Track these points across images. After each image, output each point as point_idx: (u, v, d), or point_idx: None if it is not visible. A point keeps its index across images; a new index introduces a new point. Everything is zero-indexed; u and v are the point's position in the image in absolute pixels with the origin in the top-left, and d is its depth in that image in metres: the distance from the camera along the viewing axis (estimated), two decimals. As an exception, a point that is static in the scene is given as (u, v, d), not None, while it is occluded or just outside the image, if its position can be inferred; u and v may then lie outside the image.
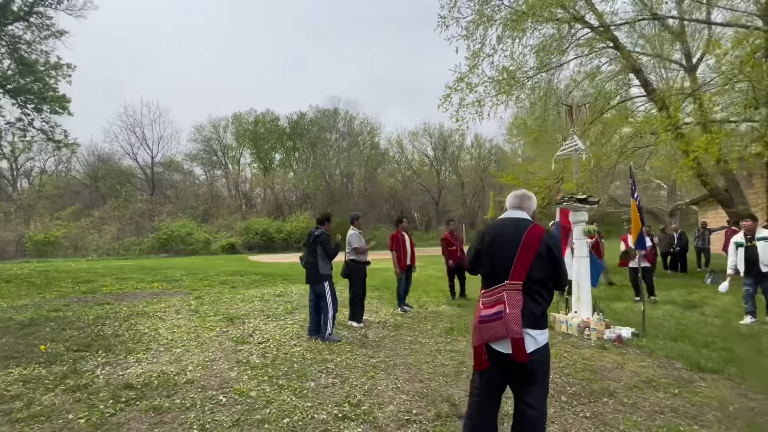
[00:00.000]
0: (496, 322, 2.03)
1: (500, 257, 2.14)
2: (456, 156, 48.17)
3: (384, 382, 3.46)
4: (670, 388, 3.30)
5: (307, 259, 5.01)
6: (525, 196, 2.34)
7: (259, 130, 48.54)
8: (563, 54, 12.59)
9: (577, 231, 5.21)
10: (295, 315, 6.20)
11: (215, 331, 5.15)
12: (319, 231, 4.97)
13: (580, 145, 5.10)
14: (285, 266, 15.41)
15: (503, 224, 2.28)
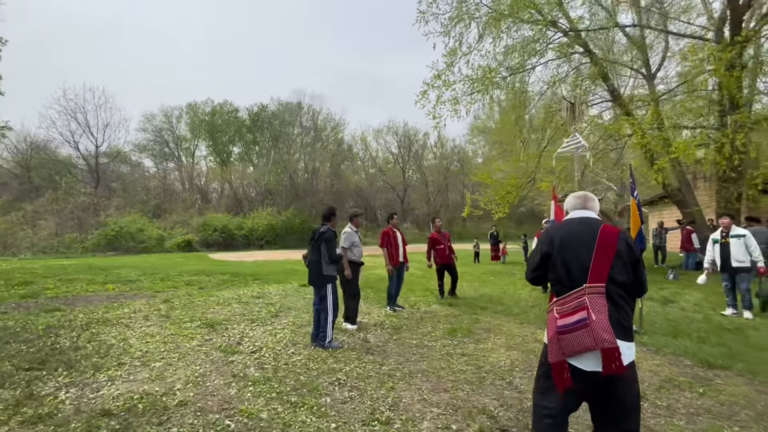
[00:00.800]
0: (581, 332, 1.77)
1: (575, 259, 1.91)
2: (420, 155, 48.68)
3: (407, 394, 3.17)
4: (694, 387, 3.30)
5: (311, 258, 4.58)
6: (588, 197, 2.15)
7: (217, 122, 46.11)
8: (538, 56, 12.86)
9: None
10: (282, 319, 5.72)
11: (197, 340, 4.58)
12: (324, 228, 4.57)
13: (583, 142, 5.08)
14: (251, 265, 14.60)
15: (572, 224, 2.06)
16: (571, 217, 2.12)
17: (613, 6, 12.75)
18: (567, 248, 1.96)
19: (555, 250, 1.99)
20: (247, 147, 47.52)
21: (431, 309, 6.48)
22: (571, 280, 1.91)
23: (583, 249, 1.91)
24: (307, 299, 7.21)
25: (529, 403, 3.01)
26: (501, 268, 12.90)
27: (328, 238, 4.46)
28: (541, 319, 5.64)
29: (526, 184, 13.25)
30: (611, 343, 1.71)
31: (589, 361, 1.78)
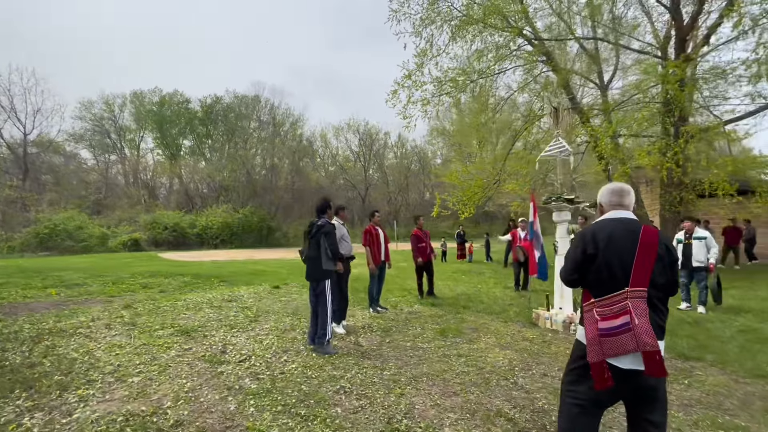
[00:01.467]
0: (625, 335, 1.80)
1: (619, 261, 1.92)
2: (382, 154, 48.83)
3: (418, 399, 3.09)
4: (680, 379, 3.53)
5: (308, 253, 4.34)
6: (625, 191, 2.12)
7: (165, 112, 43.18)
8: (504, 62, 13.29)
9: (561, 230, 5.41)
10: (262, 323, 5.41)
11: (174, 350, 4.19)
12: (322, 221, 4.35)
13: (567, 147, 5.30)
14: (211, 266, 13.79)
15: (613, 225, 2.05)
16: (611, 217, 2.09)
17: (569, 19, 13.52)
18: (610, 250, 1.95)
19: (600, 250, 1.97)
20: (199, 140, 44.93)
21: (414, 309, 6.45)
22: (613, 283, 1.92)
23: (625, 251, 1.92)
24: (284, 302, 6.91)
25: (539, 402, 3.06)
26: (468, 267, 13.22)
27: (328, 231, 4.27)
28: (522, 317, 5.81)
29: (491, 185, 13.67)
30: (653, 347, 1.75)
31: (627, 359, 1.83)
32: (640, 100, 11.75)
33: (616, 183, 2.20)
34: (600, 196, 2.24)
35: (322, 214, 4.46)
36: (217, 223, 28.55)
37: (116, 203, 30.82)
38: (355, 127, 47.50)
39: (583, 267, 2.05)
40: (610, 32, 13.37)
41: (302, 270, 11.72)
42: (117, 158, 40.85)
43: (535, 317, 5.50)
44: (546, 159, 5.92)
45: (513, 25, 12.19)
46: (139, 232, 25.10)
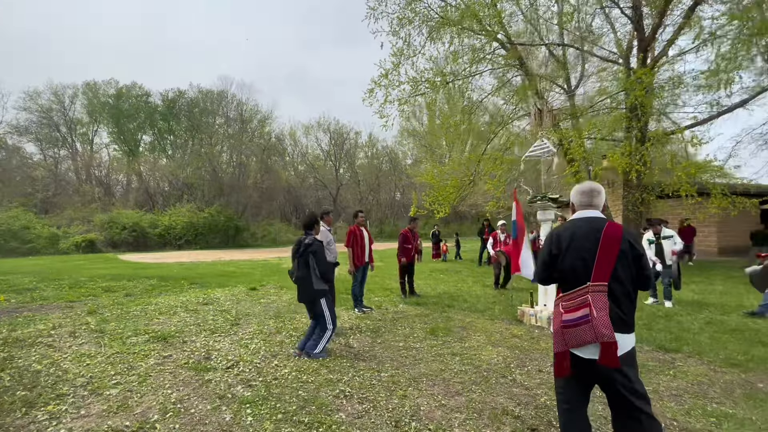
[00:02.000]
0: (583, 326, 1.91)
1: (580, 258, 2.00)
2: (353, 153, 48.53)
3: (422, 401, 3.03)
4: (665, 370, 3.69)
5: (297, 274, 4.11)
6: (594, 192, 2.19)
7: (122, 106, 40.77)
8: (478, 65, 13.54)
9: (545, 228, 5.54)
10: (244, 327, 5.16)
11: (153, 358, 3.89)
12: (309, 239, 4.10)
13: (551, 147, 5.43)
14: (177, 267, 13.10)
15: (577, 225, 2.12)
16: (578, 217, 2.16)
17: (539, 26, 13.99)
18: (572, 249, 2.04)
19: (562, 251, 2.07)
20: (160, 136, 42.72)
21: (399, 309, 6.40)
22: (576, 279, 2.01)
23: (587, 249, 2.00)
24: (263, 304, 6.66)
25: (541, 398, 3.08)
26: (443, 266, 13.36)
27: (316, 251, 4.05)
28: (507, 314, 5.91)
29: (466, 185, 13.91)
30: (610, 338, 1.85)
31: (587, 349, 1.93)
32: (607, 105, 12.37)
33: (586, 183, 2.25)
34: (571, 196, 2.30)
35: (309, 231, 4.22)
36: (181, 223, 27.20)
37: (67, 201, 28.63)
38: (326, 125, 46.96)
39: (551, 266, 2.15)
40: (577, 40, 13.98)
41: (277, 270, 11.40)
42: (68, 153, 38.00)
43: (520, 314, 5.61)
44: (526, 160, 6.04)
45: (488, 29, 12.43)
46: (94, 232, 23.44)
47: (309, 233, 4.17)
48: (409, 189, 48.49)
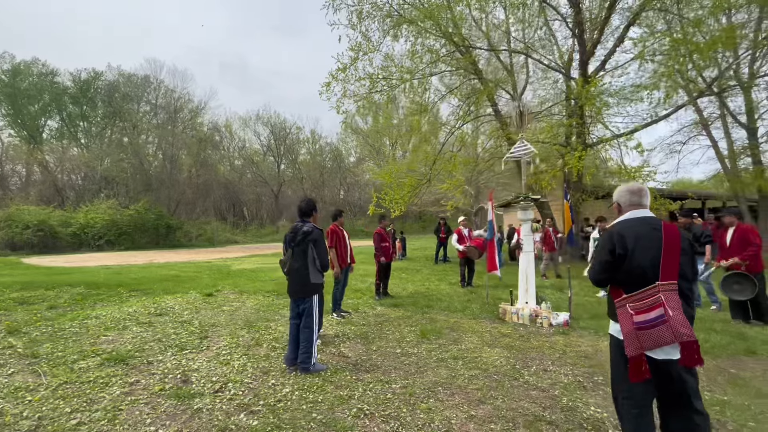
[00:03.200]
0: (660, 327, 1.89)
1: (648, 258, 1.99)
2: (296, 150, 46.94)
3: (448, 413, 2.85)
4: (653, 362, 3.92)
5: (292, 264, 3.70)
6: (643, 192, 2.22)
7: (20, 84, 35.14)
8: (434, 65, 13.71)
9: (525, 228, 5.69)
10: (216, 340, 4.57)
11: (116, 386, 3.23)
12: (308, 226, 3.74)
13: (531, 148, 5.57)
14: (103, 272, 11.49)
15: (635, 224, 2.11)
16: (632, 216, 2.16)
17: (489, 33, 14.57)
18: (639, 248, 2.02)
19: (629, 251, 2.04)
20: (70, 122, 37.46)
21: (378, 312, 6.17)
22: (644, 279, 1.99)
23: (652, 248, 2.00)
24: (227, 312, 6.02)
25: (562, 400, 3.08)
26: (403, 264, 13.35)
27: (317, 239, 3.70)
28: (487, 313, 5.97)
29: (423, 184, 14.04)
30: (690, 337, 1.86)
31: (661, 350, 1.92)
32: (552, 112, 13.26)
33: (635, 184, 2.28)
34: (618, 196, 2.28)
35: (306, 218, 3.86)
36: (100, 221, 24.03)
37: (-53, 195, 23.87)
38: (266, 118, 44.81)
39: (612, 267, 2.09)
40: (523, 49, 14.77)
41: (228, 274, 10.51)
42: (-54, 137, 31.71)
43: (502, 312, 5.70)
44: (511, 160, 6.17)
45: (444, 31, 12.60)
46: (-13, 232, 19.78)
47: (306, 221, 3.80)
48: (354, 187, 48.26)
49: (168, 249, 24.24)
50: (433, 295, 7.41)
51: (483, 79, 13.81)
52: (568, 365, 3.85)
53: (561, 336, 4.82)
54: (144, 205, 26.16)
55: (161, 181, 30.59)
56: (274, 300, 7.07)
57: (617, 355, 2.12)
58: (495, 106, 14.29)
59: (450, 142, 16.14)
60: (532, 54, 15.30)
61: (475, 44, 14.05)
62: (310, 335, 3.66)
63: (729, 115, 15.00)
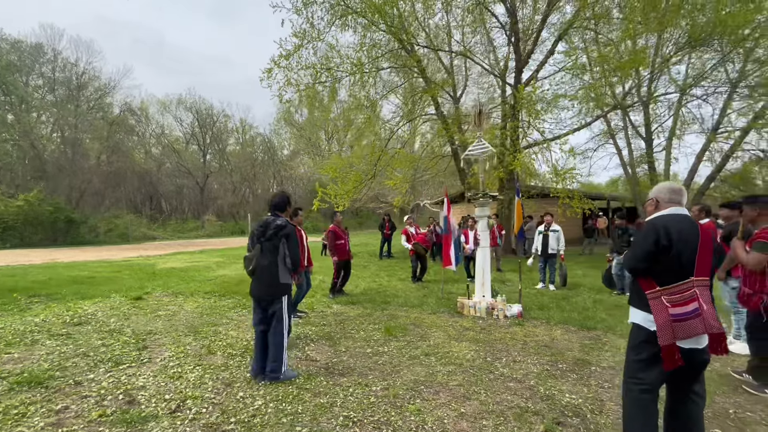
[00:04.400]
0: (695, 320, 2.03)
1: (686, 253, 2.10)
2: (224, 139, 43.74)
3: (438, 412, 2.78)
4: (604, 348, 4.27)
5: (259, 262, 3.30)
6: (683, 191, 2.32)
7: None
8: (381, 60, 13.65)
9: (482, 224, 5.87)
10: (158, 351, 3.99)
11: (39, 416, 2.61)
12: (282, 220, 3.38)
13: (489, 147, 5.75)
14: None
15: (680, 220, 2.20)
16: (675, 213, 2.24)
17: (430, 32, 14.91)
18: (680, 242, 2.12)
19: (673, 243, 2.11)
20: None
21: (336, 310, 5.93)
22: (681, 272, 2.10)
23: (691, 244, 2.12)
24: (164, 317, 5.35)
25: (540, 389, 3.18)
26: (345, 261, 13.13)
27: (289, 234, 3.36)
28: (444, 307, 6.06)
29: (368, 179, 13.94)
30: (719, 329, 2.03)
31: (695, 340, 2.05)
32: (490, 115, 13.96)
33: (674, 183, 2.40)
34: (658, 192, 2.34)
35: (278, 212, 3.51)
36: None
37: None
38: (189, 103, 40.97)
39: (653, 257, 2.15)
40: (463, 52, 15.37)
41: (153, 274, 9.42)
42: None
43: (460, 306, 5.82)
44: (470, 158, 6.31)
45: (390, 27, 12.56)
46: None
47: (278, 215, 3.44)
48: (287, 181, 46.47)
49: (71, 246, 21.04)
50: (387, 292, 7.35)
51: (427, 79, 14.10)
52: (533, 355, 4.03)
53: (518, 327, 5.06)
54: (37, 195, 22.34)
55: (60, 167, 26.32)
56: (217, 302, 6.45)
57: (636, 342, 2.20)
58: (438, 106, 14.69)
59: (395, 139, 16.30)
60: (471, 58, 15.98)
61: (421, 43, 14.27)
62: (281, 341, 3.34)
63: (631, 128, 17.22)
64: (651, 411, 2.15)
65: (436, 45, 14.89)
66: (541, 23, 13.02)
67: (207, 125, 40.77)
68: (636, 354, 2.24)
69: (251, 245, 3.44)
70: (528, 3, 13.75)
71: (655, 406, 2.17)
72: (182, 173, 38.42)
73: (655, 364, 2.12)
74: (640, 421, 2.15)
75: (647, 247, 2.17)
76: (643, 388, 2.15)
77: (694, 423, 2.18)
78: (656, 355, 2.11)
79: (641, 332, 2.20)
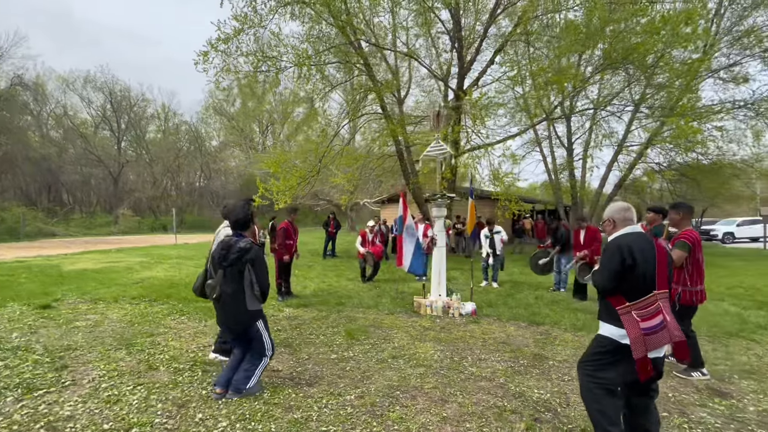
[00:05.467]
0: (662, 332, 2.20)
1: (648, 269, 2.27)
2: (142, 125, 39.36)
3: (421, 418, 2.70)
4: (555, 343, 4.54)
5: (223, 288, 2.89)
6: (632, 209, 2.50)
7: None
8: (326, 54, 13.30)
9: (439, 224, 5.94)
10: (82, 371, 3.38)
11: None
12: (245, 242, 2.94)
13: (446, 148, 5.83)
14: None
15: (638, 238, 2.36)
16: (633, 231, 2.40)
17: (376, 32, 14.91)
18: (644, 260, 2.28)
19: (637, 261, 2.27)
20: None
21: (288, 314, 5.60)
22: (645, 287, 2.27)
23: (651, 260, 2.29)
24: (84, 329, 4.61)
25: (510, 386, 3.27)
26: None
27: (255, 259, 2.93)
28: (400, 307, 6.03)
29: (312, 176, 13.48)
30: (681, 338, 2.24)
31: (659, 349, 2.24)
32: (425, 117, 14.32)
33: (623, 202, 2.55)
34: (614, 213, 2.48)
35: (241, 231, 3.06)
36: None
37: None
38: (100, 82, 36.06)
39: (620, 276, 2.28)
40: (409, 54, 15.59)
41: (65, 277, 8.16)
42: None
43: (417, 306, 5.84)
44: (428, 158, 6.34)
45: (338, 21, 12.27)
46: None
47: (242, 234, 3.05)
48: (217, 174, 43.34)
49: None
50: (339, 293, 7.13)
51: (374, 78, 14.03)
52: (494, 352, 4.15)
53: (474, 325, 5.20)
54: None
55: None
56: (148, 308, 5.72)
57: (602, 350, 2.31)
58: (384, 105, 14.71)
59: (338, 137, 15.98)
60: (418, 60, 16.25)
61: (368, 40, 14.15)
62: (259, 360, 3.03)
63: (555, 137, 18.94)
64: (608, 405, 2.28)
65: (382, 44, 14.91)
66: (483, 33, 13.68)
67: (122, 109, 36.37)
68: (595, 356, 2.37)
69: (212, 270, 3.03)
70: (471, 11, 14.37)
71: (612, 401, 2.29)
72: (91, 161, 33.83)
73: (613, 367, 2.27)
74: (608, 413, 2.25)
75: (615, 267, 2.29)
76: (602, 386, 2.29)
77: (650, 413, 2.37)
78: (618, 361, 2.26)
79: (608, 343, 2.31)
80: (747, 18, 15.12)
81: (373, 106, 15.87)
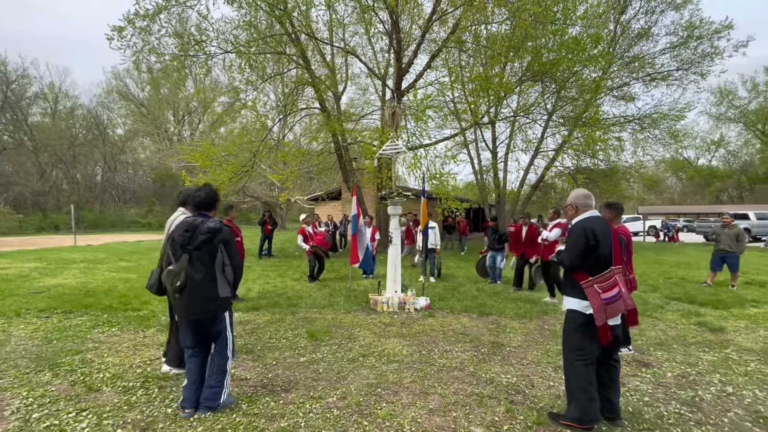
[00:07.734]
0: (619, 301, 2.59)
1: (608, 247, 2.65)
2: (23, 106, 33.32)
3: (410, 412, 2.74)
4: (506, 330, 4.90)
5: (191, 275, 2.58)
6: (593, 196, 2.86)
7: None
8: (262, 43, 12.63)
9: (394, 222, 6.02)
10: (1, 401, 2.80)
11: None
12: (214, 222, 2.69)
13: (402, 146, 5.93)
14: None
15: (598, 222, 2.71)
16: (592, 215, 2.73)
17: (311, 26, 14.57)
18: (604, 240, 2.64)
19: (600, 242, 2.61)
20: None
21: (239, 318, 5.20)
22: (606, 264, 2.63)
23: (609, 240, 2.67)
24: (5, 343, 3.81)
25: (481, 374, 3.47)
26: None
27: (228, 239, 2.72)
28: (356, 305, 6.00)
29: (245, 171, 12.68)
30: (633, 306, 2.66)
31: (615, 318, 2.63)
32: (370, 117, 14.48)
33: (584, 190, 2.92)
34: (576, 199, 2.83)
35: (204, 211, 2.82)
36: None
37: None
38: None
39: (589, 255, 2.62)
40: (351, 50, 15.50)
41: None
42: None
43: (373, 303, 5.86)
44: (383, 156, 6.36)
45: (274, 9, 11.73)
46: None
47: (206, 215, 2.78)
48: (123, 166, 38.50)
49: None
50: (287, 294, 6.84)
51: (312, 72, 13.67)
52: (456, 343, 4.36)
53: (431, 318, 5.39)
54: None
55: None
56: (64, 321, 4.93)
57: (575, 325, 2.60)
58: (323, 101, 14.41)
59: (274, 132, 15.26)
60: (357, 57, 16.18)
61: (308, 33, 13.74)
62: (225, 365, 2.77)
63: (482, 141, 20.36)
64: (593, 379, 2.60)
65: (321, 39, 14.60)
66: (420, 37, 14.14)
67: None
68: (573, 335, 2.66)
69: (172, 256, 2.70)
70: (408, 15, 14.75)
71: (594, 374, 2.62)
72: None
73: (592, 339, 2.58)
74: (587, 388, 2.56)
75: (581, 247, 2.61)
76: (586, 362, 2.59)
77: (614, 383, 2.72)
78: (594, 333, 2.56)
79: (578, 316, 2.62)
80: (634, 46, 17.88)
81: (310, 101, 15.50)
